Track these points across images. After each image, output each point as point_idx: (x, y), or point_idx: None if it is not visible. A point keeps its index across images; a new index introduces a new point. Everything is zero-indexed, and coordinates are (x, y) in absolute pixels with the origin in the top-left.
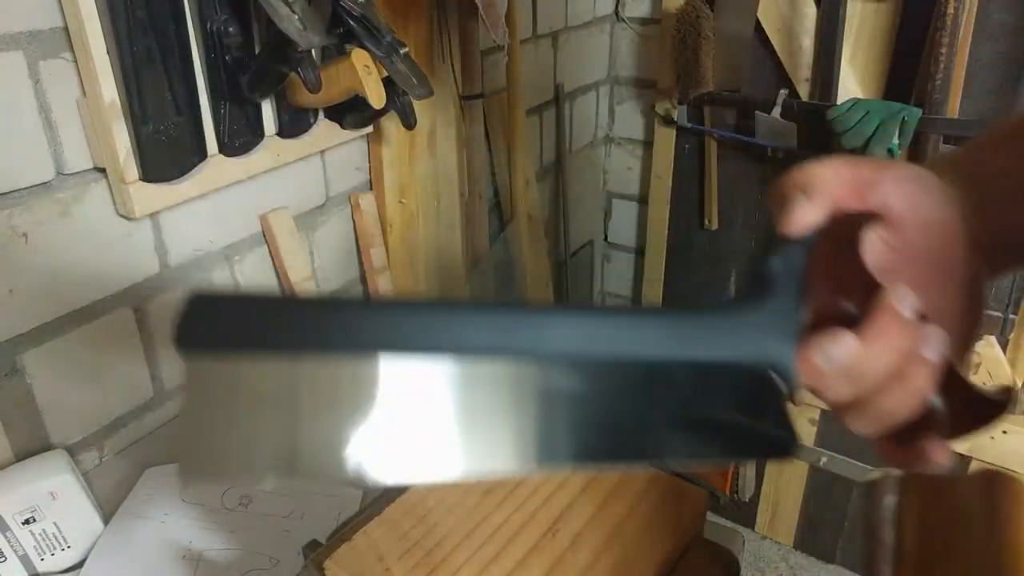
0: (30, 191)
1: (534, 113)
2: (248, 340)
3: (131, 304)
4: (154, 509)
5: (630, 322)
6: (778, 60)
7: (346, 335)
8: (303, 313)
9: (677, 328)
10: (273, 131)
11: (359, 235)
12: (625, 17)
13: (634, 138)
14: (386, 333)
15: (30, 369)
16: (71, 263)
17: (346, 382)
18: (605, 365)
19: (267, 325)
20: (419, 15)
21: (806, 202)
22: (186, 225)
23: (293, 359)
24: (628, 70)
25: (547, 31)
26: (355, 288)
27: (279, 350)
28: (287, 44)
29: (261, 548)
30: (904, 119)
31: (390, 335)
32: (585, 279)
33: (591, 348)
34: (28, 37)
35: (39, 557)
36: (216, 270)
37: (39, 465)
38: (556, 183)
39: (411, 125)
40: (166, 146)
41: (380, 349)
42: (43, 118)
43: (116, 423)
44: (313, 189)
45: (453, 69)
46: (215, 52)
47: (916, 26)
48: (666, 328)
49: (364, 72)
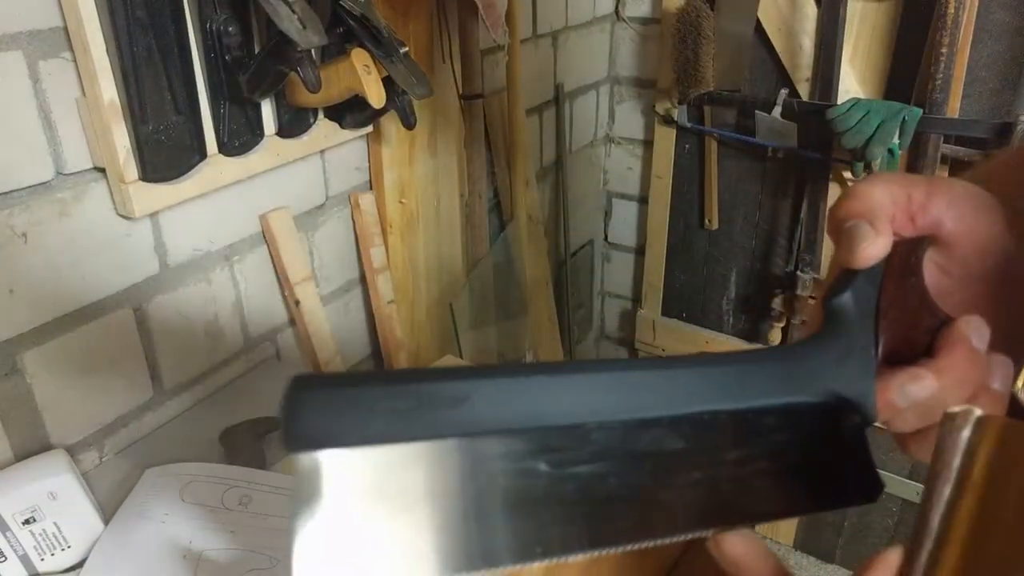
0: (30, 191)
1: (534, 113)
2: (360, 433)
3: (131, 304)
4: (154, 509)
5: (706, 374)
6: (778, 60)
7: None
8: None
9: (755, 375)
10: (273, 131)
11: (359, 235)
12: (625, 17)
13: (634, 138)
14: (489, 412)
15: (30, 369)
16: (71, 263)
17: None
18: (689, 423)
19: (378, 414)
20: (419, 15)
21: (871, 232)
22: (186, 225)
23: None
24: (628, 70)
25: (547, 31)
26: (355, 288)
27: (395, 439)
28: (287, 44)
29: (261, 548)
30: (904, 119)
31: (492, 414)
32: (585, 279)
33: (677, 406)
34: (28, 37)
35: (39, 557)
36: (216, 270)
37: (39, 465)
38: (556, 183)
39: (411, 125)
40: (166, 146)
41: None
42: (43, 118)
43: (116, 423)
44: (313, 189)
45: (453, 69)
46: (215, 52)
47: (916, 26)
48: (746, 375)
49: (364, 72)
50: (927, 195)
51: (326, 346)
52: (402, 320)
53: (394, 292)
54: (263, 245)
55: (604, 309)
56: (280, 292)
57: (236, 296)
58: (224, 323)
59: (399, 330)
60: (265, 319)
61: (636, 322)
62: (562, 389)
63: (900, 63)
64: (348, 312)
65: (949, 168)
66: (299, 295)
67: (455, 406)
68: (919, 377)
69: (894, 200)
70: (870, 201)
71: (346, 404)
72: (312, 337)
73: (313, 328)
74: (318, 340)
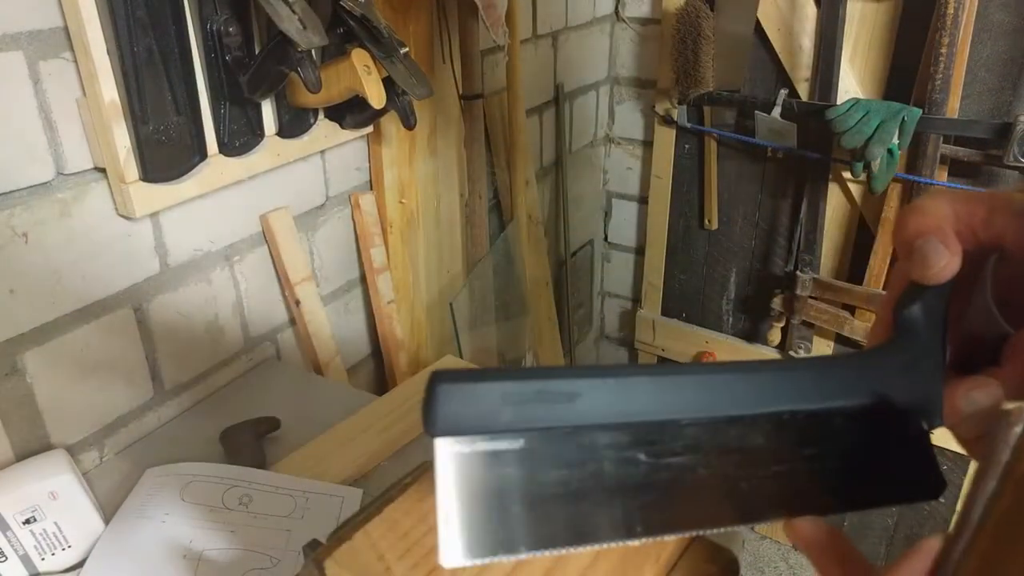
0: (30, 191)
1: (534, 113)
2: (490, 420)
3: (131, 304)
4: (154, 509)
5: (786, 378)
6: (778, 60)
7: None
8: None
9: (830, 379)
10: (273, 131)
11: (359, 235)
12: (625, 17)
13: (634, 138)
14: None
15: (30, 369)
16: (71, 263)
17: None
18: (769, 422)
19: (510, 404)
20: (419, 15)
21: (946, 252)
22: (186, 225)
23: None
24: (628, 70)
25: (547, 31)
26: (355, 288)
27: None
28: (287, 44)
29: (261, 548)
30: (904, 119)
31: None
32: (585, 279)
33: (759, 405)
34: (28, 37)
35: (39, 557)
36: (216, 270)
37: (39, 465)
38: (556, 183)
39: (411, 125)
40: (166, 146)
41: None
42: (43, 118)
43: (116, 423)
44: (313, 189)
45: (453, 69)
46: (215, 52)
47: (916, 26)
48: (822, 379)
49: (364, 72)
50: (989, 210)
51: (326, 346)
52: (402, 320)
53: (394, 292)
54: (263, 245)
55: (604, 309)
56: (280, 292)
57: (236, 296)
58: (224, 323)
59: (399, 330)
60: (265, 319)
61: (636, 322)
62: (660, 388)
63: (900, 63)
64: (348, 312)
65: (949, 168)
66: (299, 295)
67: (568, 401)
68: (985, 384)
69: (958, 216)
70: (938, 217)
71: (478, 396)
72: (312, 337)
73: (313, 328)
74: (318, 340)
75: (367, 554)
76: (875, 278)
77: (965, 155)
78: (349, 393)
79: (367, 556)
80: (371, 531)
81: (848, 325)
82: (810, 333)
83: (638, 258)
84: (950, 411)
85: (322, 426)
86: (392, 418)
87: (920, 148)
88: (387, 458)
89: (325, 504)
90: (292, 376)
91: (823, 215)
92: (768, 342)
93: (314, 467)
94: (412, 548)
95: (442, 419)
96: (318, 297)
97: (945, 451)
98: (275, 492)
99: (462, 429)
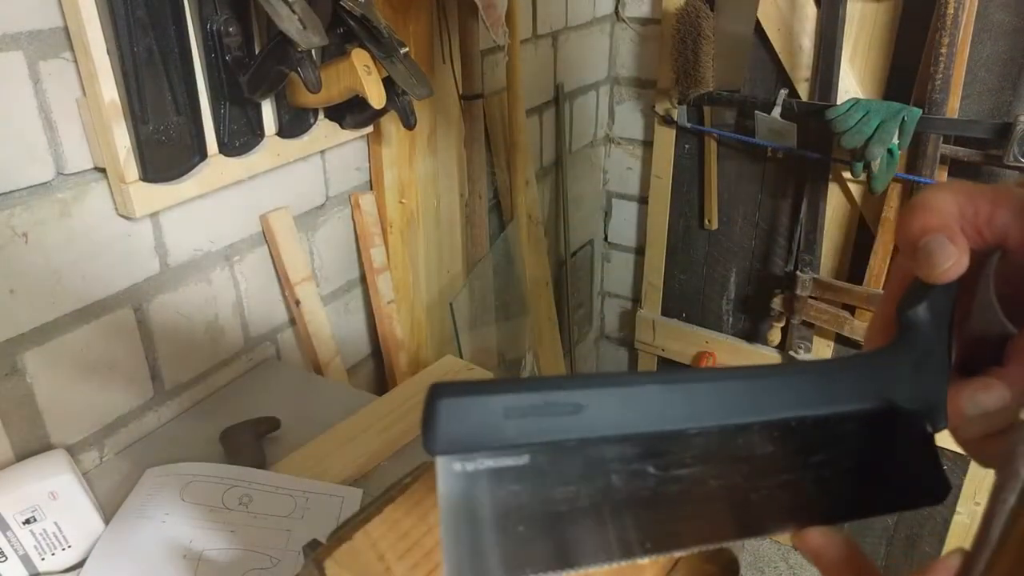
0: (30, 191)
1: (534, 113)
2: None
3: (131, 304)
4: (154, 509)
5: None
6: (778, 60)
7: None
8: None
9: (836, 383)
10: (273, 131)
11: (359, 235)
12: (625, 17)
13: (634, 138)
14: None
15: (30, 369)
16: (71, 263)
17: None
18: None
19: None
20: (419, 15)
21: (954, 250)
22: (186, 225)
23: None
24: (628, 70)
25: (547, 31)
26: (355, 288)
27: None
28: (287, 44)
29: (261, 548)
30: (904, 119)
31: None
32: (585, 279)
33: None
34: (28, 37)
35: (39, 557)
36: (216, 270)
37: (39, 465)
38: (556, 183)
39: (411, 125)
40: (166, 146)
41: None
42: (43, 118)
43: (116, 423)
44: (313, 189)
45: (453, 69)
46: (215, 52)
47: (916, 26)
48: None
49: (364, 72)
50: (993, 206)
51: (326, 346)
52: (402, 320)
53: (394, 292)
54: (263, 245)
55: (604, 309)
56: (280, 292)
57: (236, 296)
58: (224, 323)
59: (399, 330)
60: (265, 319)
61: (636, 322)
62: (667, 397)
63: (900, 63)
64: (348, 312)
65: (949, 168)
66: (299, 295)
67: (574, 413)
68: (990, 387)
69: (962, 212)
70: (943, 215)
71: (480, 410)
72: (312, 337)
73: (313, 328)
74: (318, 340)
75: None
76: (875, 278)
77: (965, 155)
78: (349, 393)
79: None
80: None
81: (848, 325)
82: (810, 333)
83: (638, 258)
84: (953, 413)
85: (322, 426)
86: (392, 418)
87: (920, 148)
88: (387, 458)
89: (325, 504)
90: (292, 376)
91: (823, 215)
92: (768, 342)
93: (314, 467)
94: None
95: (443, 436)
96: (318, 297)
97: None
98: (275, 492)
99: (465, 446)
